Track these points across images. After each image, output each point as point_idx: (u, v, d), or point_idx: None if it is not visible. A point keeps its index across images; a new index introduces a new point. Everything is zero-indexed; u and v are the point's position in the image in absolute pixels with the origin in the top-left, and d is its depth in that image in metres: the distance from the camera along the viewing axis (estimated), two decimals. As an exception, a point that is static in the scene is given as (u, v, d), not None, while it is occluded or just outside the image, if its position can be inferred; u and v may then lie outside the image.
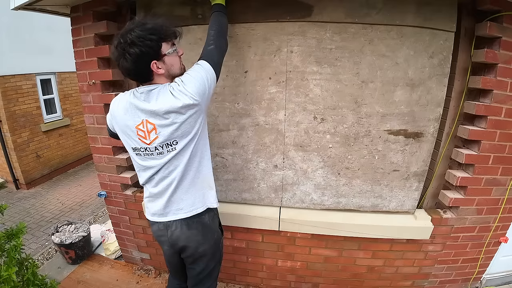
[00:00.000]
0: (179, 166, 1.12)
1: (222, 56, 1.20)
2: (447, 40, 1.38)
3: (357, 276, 1.91)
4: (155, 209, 1.20)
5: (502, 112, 1.42)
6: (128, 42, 0.96)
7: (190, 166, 1.14)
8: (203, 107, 1.09)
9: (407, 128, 1.53)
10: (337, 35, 1.40)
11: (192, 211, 1.18)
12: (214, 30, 1.19)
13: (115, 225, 2.15)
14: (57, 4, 1.56)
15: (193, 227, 1.20)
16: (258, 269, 1.99)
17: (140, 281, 2.12)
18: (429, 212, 1.71)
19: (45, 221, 3.44)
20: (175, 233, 1.20)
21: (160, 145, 1.07)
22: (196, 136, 1.10)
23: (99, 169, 1.95)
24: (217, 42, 1.17)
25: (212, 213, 1.26)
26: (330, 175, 1.66)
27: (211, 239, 1.26)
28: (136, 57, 0.97)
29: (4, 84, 4.02)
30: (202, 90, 1.05)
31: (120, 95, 1.14)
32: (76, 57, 1.69)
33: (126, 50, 0.97)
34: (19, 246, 1.35)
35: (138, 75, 1.05)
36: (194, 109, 1.05)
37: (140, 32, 0.96)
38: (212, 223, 1.26)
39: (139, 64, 1.00)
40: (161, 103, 1.02)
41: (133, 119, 1.07)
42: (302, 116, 1.56)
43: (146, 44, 0.96)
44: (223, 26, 1.24)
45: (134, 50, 0.96)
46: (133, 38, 0.95)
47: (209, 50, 1.14)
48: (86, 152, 5.55)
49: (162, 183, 1.15)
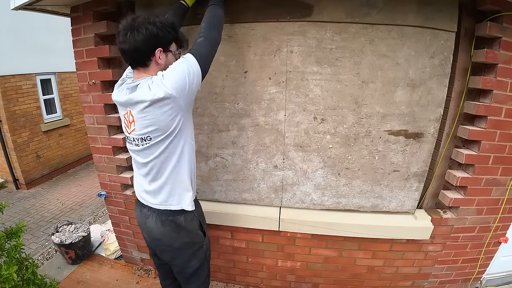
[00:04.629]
0: (153, 162, 1.14)
1: (212, 48, 1.15)
2: (448, 40, 1.37)
3: (357, 276, 1.91)
4: (137, 189, 1.28)
5: (502, 112, 1.42)
6: (149, 21, 0.98)
7: (166, 165, 1.14)
8: (181, 104, 1.04)
9: (407, 129, 1.53)
10: (338, 35, 1.40)
11: (166, 206, 1.20)
12: (205, 23, 1.16)
13: (115, 225, 2.14)
14: (57, 4, 1.56)
15: (167, 225, 1.21)
16: (258, 269, 1.99)
17: (140, 281, 2.12)
18: (429, 212, 1.71)
19: (45, 221, 3.44)
20: (150, 224, 1.24)
21: (136, 138, 1.11)
22: (172, 135, 1.08)
23: (99, 169, 1.95)
24: (206, 34, 1.13)
25: (191, 215, 1.24)
26: (330, 176, 1.66)
27: (186, 237, 1.25)
28: (150, 35, 0.99)
29: (4, 84, 4.02)
30: (181, 85, 1.01)
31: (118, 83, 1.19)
32: (76, 57, 1.69)
33: (143, 25, 0.98)
34: (19, 246, 1.35)
35: (137, 54, 1.03)
36: (169, 104, 1.01)
37: (163, 20, 1.02)
38: (189, 225, 1.24)
39: (149, 43, 1.00)
40: (140, 94, 1.03)
41: (123, 108, 1.13)
42: (302, 116, 1.56)
43: (164, 31, 1.01)
44: (215, 18, 1.19)
45: (152, 28, 0.98)
46: (156, 21, 0.99)
47: (198, 43, 1.11)
48: (86, 152, 5.56)
49: (141, 170, 1.20)
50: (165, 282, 1.56)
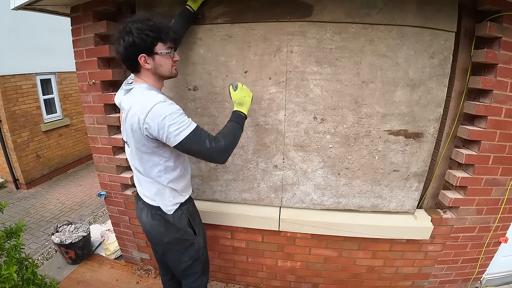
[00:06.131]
0: (137, 166, 1.17)
1: (197, 154, 1.08)
2: (448, 40, 1.37)
3: (357, 276, 1.91)
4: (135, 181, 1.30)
5: (502, 112, 1.42)
6: (127, 30, 1.00)
7: (147, 173, 1.16)
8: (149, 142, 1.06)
9: (407, 129, 1.53)
10: (337, 35, 1.40)
11: (153, 202, 1.23)
12: (229, 142, 1.11)
13: (115, 225, 2.14)
14: (57, 4, 1.56)
15: (156, 219, 1.24)
16: (258, 269, 1.99)
17: (140, 281, 2.12)
18: (429, 212, 1.71)
19: (45, 221, 3.44)
20: (143, 217, 1.28)
21: (124, 140, 1.17)
22: (148, 152, 1.09)
23: (99, 169, 1.95)
24: (221, 149, 1.07)
25: (179, 212, 1.26)
26: (330, 175, 1.66)
27: (176, 233, 1.27)
28: (128, 45, 1.01)
29: (4, 84, 4.02)
30: (157, 133, 1.01)
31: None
32: (76, 57, 1.69)
33: (122, 36, 1.01)
34: (19, 245, 1.34)
35: (126, 62, 1.07)
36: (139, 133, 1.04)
37: (141, 25, 1.00)
38: (178, 222, 1.26)
39: (129, 53, 1.03)
40: (128, 100, 1.06)
41: (121, 109, 1.16)
42: (302, 116, 1.56)
43: (141, 37, 0.99)
44: (236, 140, 1.16)
45: (128, 38, 1.00)
46: (133, 28, 0.99)
47: (206, 135, 1.06)
48: (86, 152, 5.56)
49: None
50: (165, 277, 1.59)
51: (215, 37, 1.48)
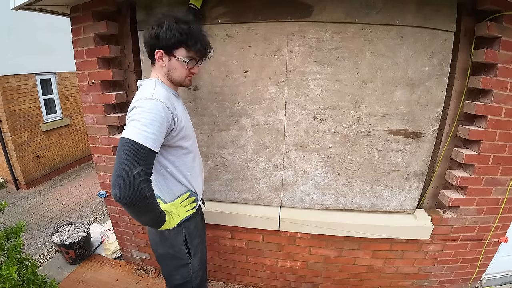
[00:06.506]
0: None
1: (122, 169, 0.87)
2: (447, 40, 1.38)
3: (357, 276, 1.91)
4: None
5: (502, 112, 1.42)
6: (160, 21, 0.99)
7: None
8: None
9: (407, 128, 1.53)
10: (337, 35, 1.40)
11: None
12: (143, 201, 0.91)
13: (115, 225, 2.14)
14: (57, 4, 1.56)
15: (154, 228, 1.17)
16: (258, 269, 1.99)
17: (140, 281, 2.12)
18: (429, 212, 1.71)
19: (45, 221, 3.44)
20: None
21: None
22: None
23: (99, 169, 1.95)
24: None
25: (177, 228, 1.16)
26: (330, 175, 1.66)
27: (170, 249, 1.19)
28: (153, 35, 1.00)
29: (4, 84, 4.02)
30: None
31: None
32: (76, 57, 1.69)
33: (154, 24, 1.01)
34: (19, 245, 1.34)
35: (147, 49, 1.06)
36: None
37: (175, 24, 0.98)
38: (173, 238, 1.18)
39: (148, 42, 1.03)
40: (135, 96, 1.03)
41: None
42: (302, 116, 1.56)
43: (167, 34, 0.98)
44: (138, 209, 0.95)
45: (156, 29, 0.99)
46: (166, 23, 0.98)
47: (143, 163, 0.88)
48: (86, 152, 5.56)
49: None
50: None
51: (215, 37, 1.48)
